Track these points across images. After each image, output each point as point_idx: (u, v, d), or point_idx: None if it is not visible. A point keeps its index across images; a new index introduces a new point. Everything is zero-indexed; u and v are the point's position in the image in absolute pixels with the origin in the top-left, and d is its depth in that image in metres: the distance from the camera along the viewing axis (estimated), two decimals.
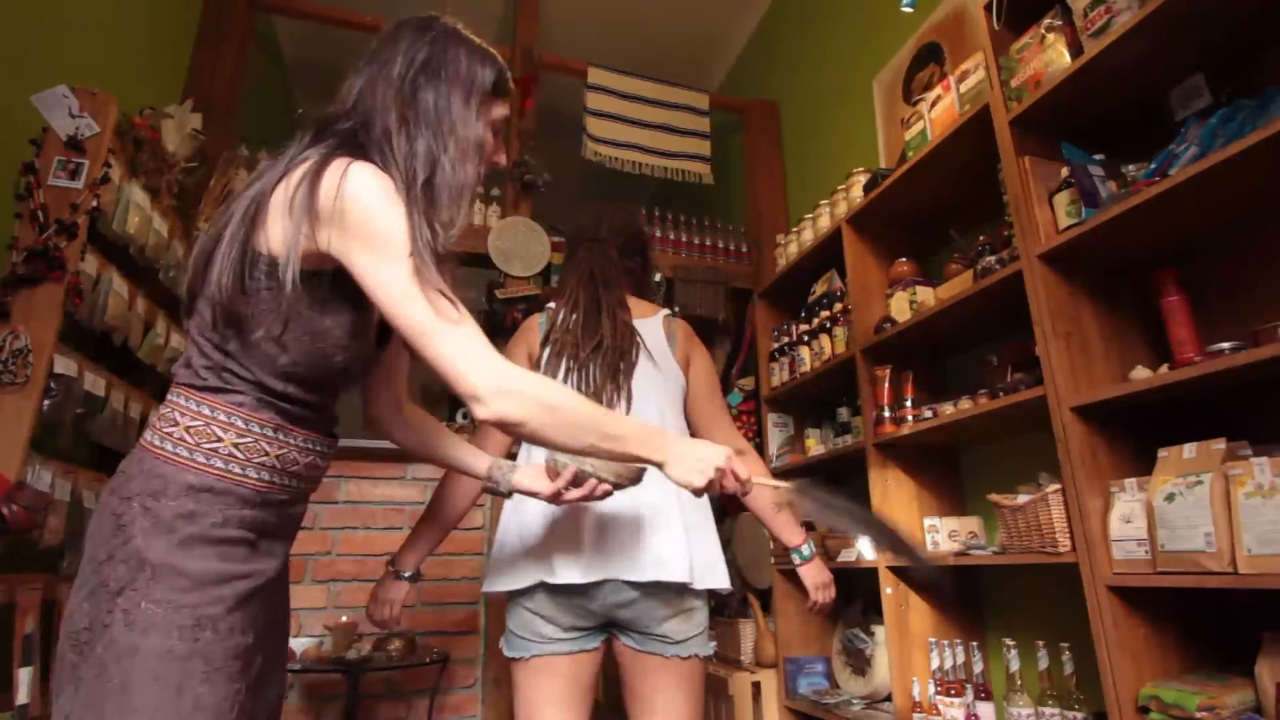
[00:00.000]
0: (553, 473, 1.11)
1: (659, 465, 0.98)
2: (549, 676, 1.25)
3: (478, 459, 1.19)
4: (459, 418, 2.76)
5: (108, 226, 1.57)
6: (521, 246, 2.93)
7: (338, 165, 0.87)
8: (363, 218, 0.84)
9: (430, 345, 0.85)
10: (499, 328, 2.85)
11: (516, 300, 2.85)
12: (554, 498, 1.12)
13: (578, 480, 1.09)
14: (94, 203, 1.51)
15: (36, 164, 1.50)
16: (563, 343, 1.37)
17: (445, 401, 2.83)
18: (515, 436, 0.99)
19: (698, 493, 1.00)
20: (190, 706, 0.79)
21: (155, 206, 1.78)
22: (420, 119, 0.93)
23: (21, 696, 1.26)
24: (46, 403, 1.39)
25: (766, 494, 1.47)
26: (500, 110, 1.02)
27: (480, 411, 0.86)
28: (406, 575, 1.33)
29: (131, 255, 1.70)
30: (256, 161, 2.73)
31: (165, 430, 0.87)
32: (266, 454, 0.88)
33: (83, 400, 1.48)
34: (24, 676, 1.27)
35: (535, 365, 1.42)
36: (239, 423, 0.87)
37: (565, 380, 1.34)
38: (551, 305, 1.47)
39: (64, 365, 1.43)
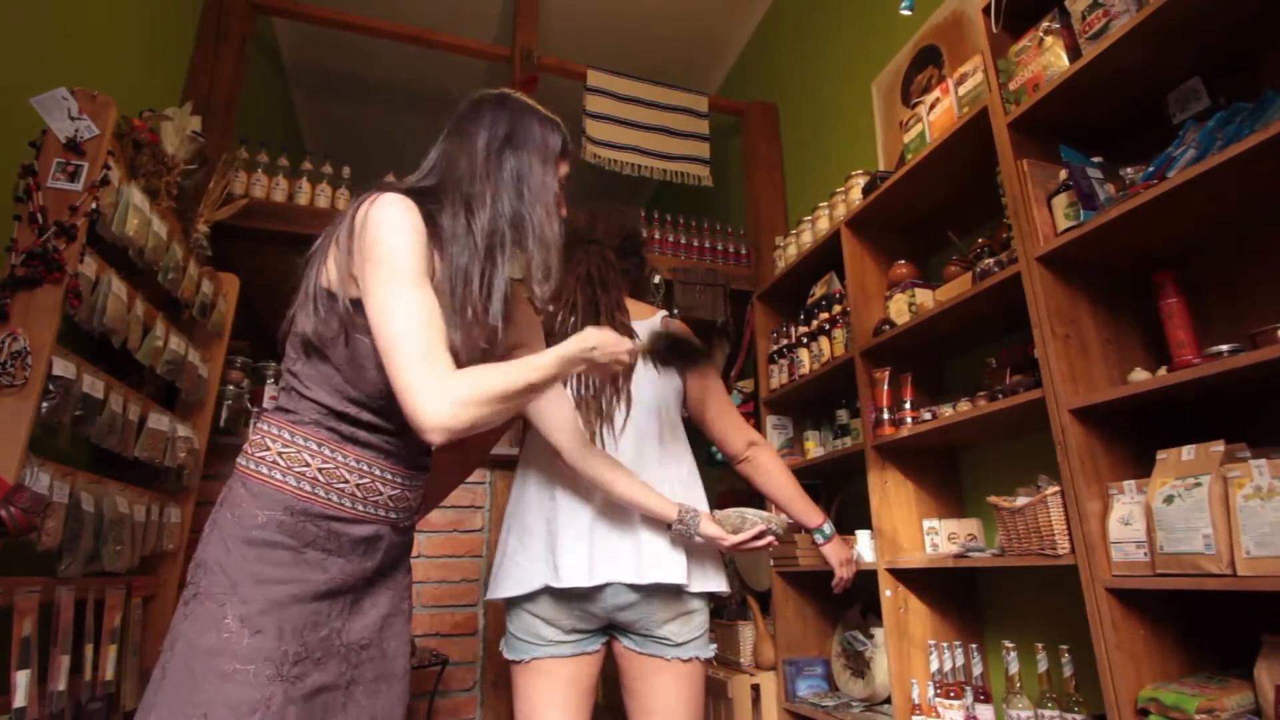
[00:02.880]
0: (734, 527, 1.29)
1: (590, 358, 1.03)
2: (549, 679, 1.25)
3: (669, 506, 1.26)
4: None
5: (107, 229, 1.57)
6: None
7: (371, 197, 0.96)
8: (374, 237, 0.91)
9: (393, 366, 0.88)
10: None
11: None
12: (734, 547, 1.29)
13: (761, 535, 1.30)
14: (93, 205, 1.51)
15: (36, 166, 1.50)
16: None
17: None
18: None
19: (624, 365, 1.09)
20: (207, 699, 0.83)
21: (154, 209, 1.77)
22: (507, 184, 1.04)
23: (19, 699, 1.26)
24: (45, 405, 1.39)
25: (783, 479, 1.53)
26: (565, 169, 1.14)
27: (429, 437, 0.88)
28: None
29: (131, 257, 1.70)
30: (256, 164, 2.74)
31: (245, 449, 0.98)
32: (308, 465, 0.94)
33: (81, 402, 1.48)
34: (21, 679, 1.27)
35: None
36: (285, 434, 0.96)
37: (564, 384, 1.34)
38: (550, 308, 1.47)
39: (62, 367, 1.43)
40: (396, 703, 1.03)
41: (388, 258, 0.90)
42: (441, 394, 0.86)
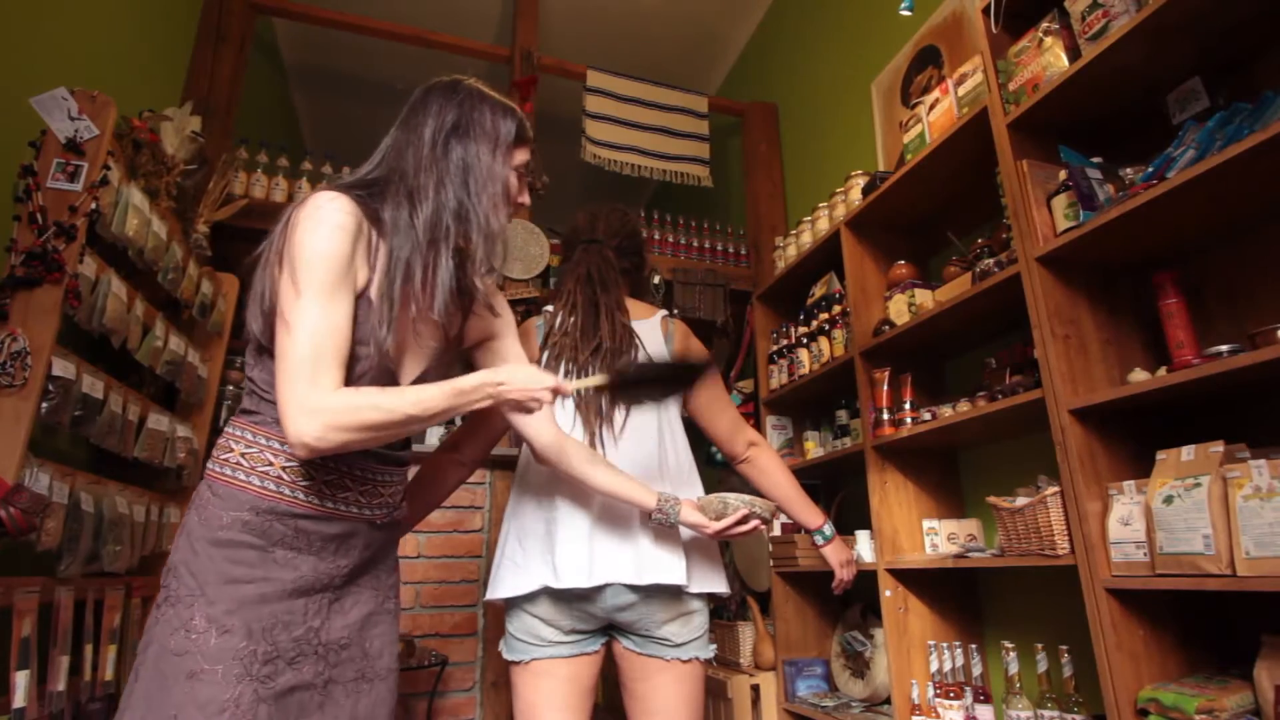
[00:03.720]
0: (717, 512, 1.24)
1: (497, 395, 1.00)
2: (549, 680, 1.25)
3: (648, 495, 1.23)
4: (456, 420, 2.75)
5: (106, 229, 1.57)
6: (520, 249, 2.93)
7: (306, 196, 0.96)
8: (297, 240, 0.92)
9: (278, 376, 0.90)
10: None
11: (515, 303, 2.85)
12: (718, 534, 1.24)
13: (745, 520, 1.24)
14: (93, 205, 1.51)
15: (35, 166, 1.50)
16: (561, 346, 1.37)
17: None
18: None
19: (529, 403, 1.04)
20: (176, 700, 0.84)
21: (154, 209, 1.77)
22: (452, 175, 1.01)
23: (19, 700, 1.26)
24: (44, 405, 1.39)
25: (783, 479, 1.51)
26: (522, 156, 1.10)
27: (297, 453, 0.89)
28: None
29: (130, 258, 1.70)
30: (256, 164, 2.74)
31: (213, 454, 0.99)
32: (271, 464, 0.94)
33: (81, 402, 1.48)
34: (21, 680, 1.27)
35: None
36: (249, 436, 0.96)
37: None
38: (549, 308, 1.47)
39: (62, 367, 1.43)
40: (379, 703, 1.02)
41: (302, 265, 0.90)
42: (313, 414, 0.86)
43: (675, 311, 3.02)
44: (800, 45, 3.45)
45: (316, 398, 0.87)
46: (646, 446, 1.34)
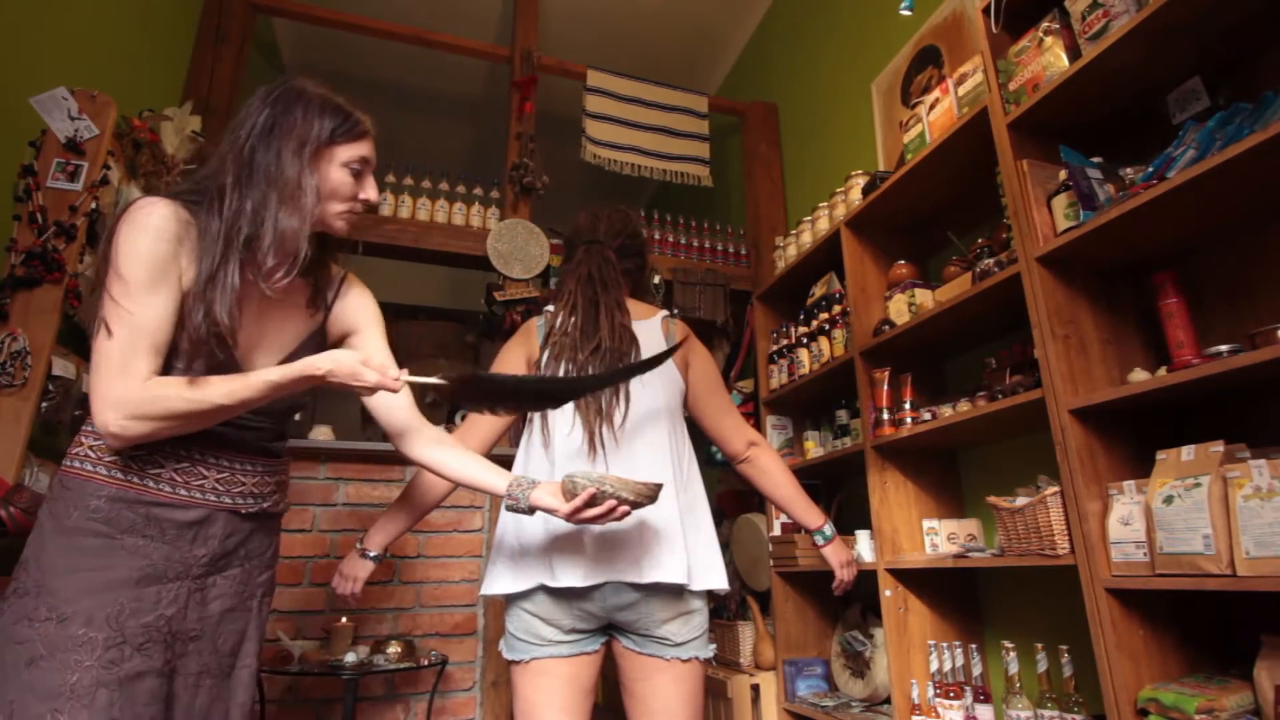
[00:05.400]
0: (569, 493, 1.10)
1: (320, 383, 1.01)
2: (549, 679, 1.25)
3: (499, 478, 1.20)
4: (456, 420, 2.76)
5: (106, 228, 1.57)
6: (520, 249, 2.93)
7: (126, 204, 1.00)
8: (113, 243, 0.96)
9: (91, 370, 0.95)
10: (497, 330, 2.85)
11: (515, 303, 2.85)
12: (571, 516, 1.12)
13: (595, 500, 1.09)
14: (93, 204, 1.51)
15: (35, 166, 1.50)
16: (561, 345, 1.38)
17: (442, 408, 2.83)
18: None
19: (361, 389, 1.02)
20: (16, 689, 0.87)
21: None
22: (252, 178, 1.02)
23: None
24: (45, 405, 1.39)
25: (783, 479, 1.49)
26: (351, 152, 1.10)
27: (109, 441, 0.94)
28: (372, 555, 1.35)
29: None
30: None
31: (68, 451, 1.01)
32: (118, 453, 0.98)
33: (81, 402, 1.48)
34: None
35: (535, 368, 1.42)
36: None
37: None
38: (550, 308, 1.47)
39: (62, 367, 1.43)
40: (219, 699, 1.04)
41: (115, 266, 0.94)
42: (115, 405, 0.91)
43: (676, 312, 3.02)
44: (800, 45, 3.45)
45: (121, 389, 0.91)
46: (648, 445, 1.34)
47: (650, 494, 1.12)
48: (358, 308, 1.24)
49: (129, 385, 0.92)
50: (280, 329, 1.12)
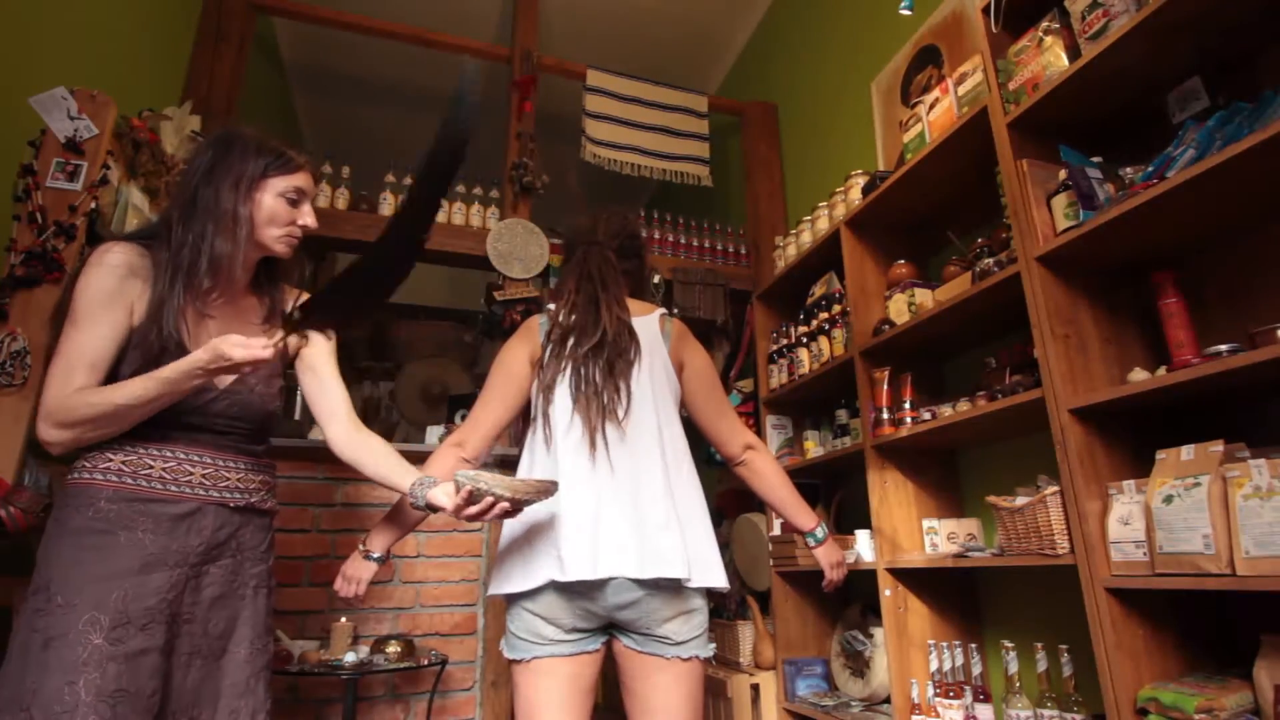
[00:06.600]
0: (460, 490, 1.12)
1: (206, 376, 1.07)
2: (550, 678, 1.25)
3: (405, 477, 1.25)
4: (457, 419, 2.76)
5: (106, 228, 1.57)
6: (520, 249, 2.93)
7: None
8: (76, 282, 1.11)
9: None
10: (497, 329, 2.85)
11: (515, 302, 2.85)
12: (457, 513, 1.15)
13: (473, 498, 1.11)
14: (92, 204, 1.51)
15: (35, 166, 1.50)
16: (563, 341, 1.38)
17: (443, 403, 2.83)
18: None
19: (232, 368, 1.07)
20: (35, 672, 0.97)
21: (153, 208, 1.78)
22: (195, 213, 1.16)
23: None
24: None
25: (778, 482, 1.50)
26: (285, 183, 1.22)
27: (49, 449, 1.07)
28: (375, 556, 1.35)
29: None
30: None
31: (72, 465, 1.13)
32: (111, 460, 1.10)
33: None
34: None
35: (537, 365, 1.42)
36: (96, 443, 1.10)
37: (565, 380, 1.35)
38: (551, 306, 1.48)
39: None
40: (208, 680, 1.13)
41: (73, 300, 1.09)
42: (43, 417, 1.05)
43: (675, 310, 3.02)
44: (800, 45, 3.45)
45: (49, 403, 1.04)
46: (646, 445, 1.34)
47: (532, 490, 1.14)
48: (317, 338, 1.34)
49: (57, 398, 1.04)
50: None
